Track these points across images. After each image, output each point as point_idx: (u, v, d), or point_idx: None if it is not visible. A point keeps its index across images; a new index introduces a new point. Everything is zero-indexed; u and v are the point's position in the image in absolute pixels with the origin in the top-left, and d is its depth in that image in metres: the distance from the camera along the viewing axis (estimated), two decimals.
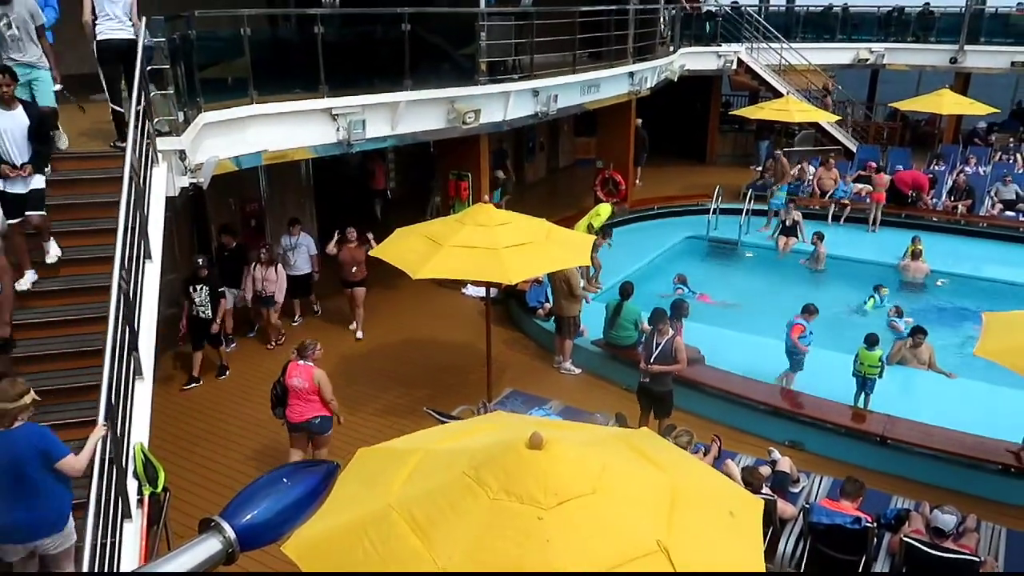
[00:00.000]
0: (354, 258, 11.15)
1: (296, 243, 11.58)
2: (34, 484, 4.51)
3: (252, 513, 2.52)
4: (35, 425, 4.68)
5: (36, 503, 4.53)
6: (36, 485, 4.52)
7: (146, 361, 5.94)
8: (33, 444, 4.52)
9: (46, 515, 4.60)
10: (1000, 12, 22.56)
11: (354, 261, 11.16)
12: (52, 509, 4.62)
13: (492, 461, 3.13)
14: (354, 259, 11.16)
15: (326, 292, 12.37)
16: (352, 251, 11.18)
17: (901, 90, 24.31)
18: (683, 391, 9.71)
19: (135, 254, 6.05)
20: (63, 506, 4.69)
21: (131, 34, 7.47)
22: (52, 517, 4.63)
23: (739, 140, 23.83)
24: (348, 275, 11.36)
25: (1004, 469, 8.05)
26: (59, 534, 4.68)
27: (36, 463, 4.50)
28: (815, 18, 23.72)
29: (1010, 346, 6.95)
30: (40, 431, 4.64)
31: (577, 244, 9.30)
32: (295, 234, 11.59)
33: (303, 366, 7.47)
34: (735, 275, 15.13)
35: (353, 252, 11.17)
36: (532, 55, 12.71)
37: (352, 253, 11.18)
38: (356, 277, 11.33)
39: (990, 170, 18.57)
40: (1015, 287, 13.73)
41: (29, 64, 7.06)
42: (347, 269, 11.29)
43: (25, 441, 4.52)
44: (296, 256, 11.58)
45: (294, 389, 7.43)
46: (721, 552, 3.18)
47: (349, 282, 11.45)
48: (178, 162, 7.98)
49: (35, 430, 4.61)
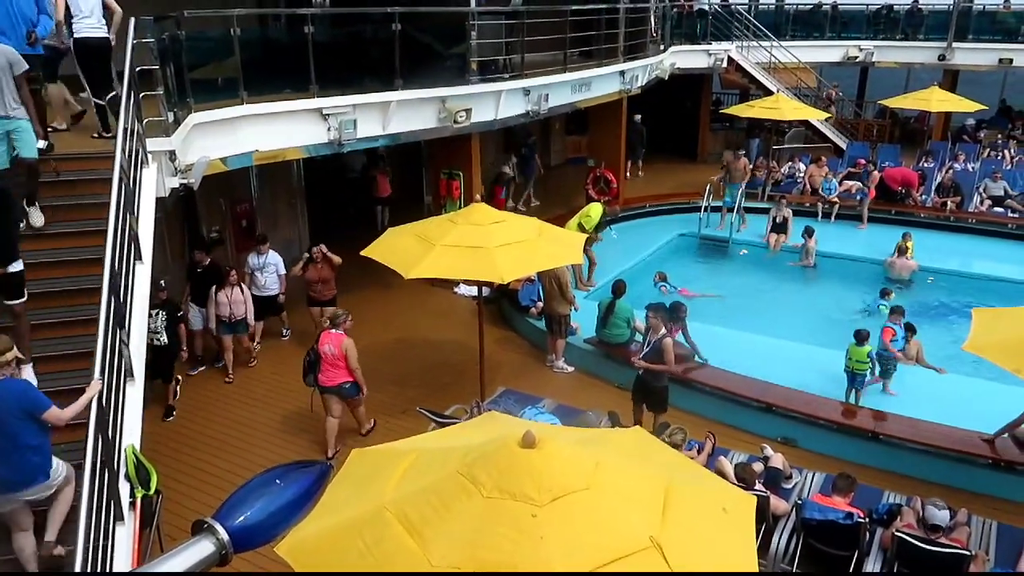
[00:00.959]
0: (320, 276, 10.56)
1: (265, 262, 10.72)
2: (14, 438, 4.59)
3: (245, 514, 2.52)
4: (17, 380, 4.76)
5: (15, 458, 4.60)
6: (16, 439, 4.60)
7: (137, 363, 5.92)
8: (15, 398, 4.61)
9: (26, 471, 4.67)
10: (988, 9, 22.71)
11: (321, 279, 10.58)
12: (32, 463, 4.69)
13: (485, 459, 3.14)
14: (320, 277, 10.57)
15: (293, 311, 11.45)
16: (319, 269, 10.56)
17: (890, 87, 24.45)
18: (677, 389, 9.74)
19: (125, 255, 6.02)
20: (44, 460, 4.75)
21: (106, 33, 7.61)
22: (32, 472, 4.69)
23: (730, 138, 23.89)
24: (315, 293, 10.74)
25: (994, 463, 8.11)
26: (42, 485, 4.75)
27: (17, 416, 4.59)
28: (805, 16, 23.82)
29: (998, 342, 6.99)
30: (22, 385, 4.74)
31: (569, 242, 9.32)
32: (263, 252, 10.73)
33: (334, 334, 8.34)
34: (727, 272, 15.17)
35: (320, 270, 10.56)
36: (523, 54, 12.72)
37: (319, 271, 10.56)
38: (324, 296, 10.72)
39: (979, 167, 18.69)
40: (1004, 283, 13.83)
41: (5, 116, 6.40)
42: (314, 287, 10.69)
43: (7, 395, 4.60)
44: (265, 276, 10.73)
45: (325, 355, 8.30)
46: (714, 548, 3.20)
47: (316, 301, 10.79)
48: (168, 163, 7.96)
49: (17, 384, 4.71)
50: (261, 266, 10.69)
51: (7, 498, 4.71)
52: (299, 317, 11.30)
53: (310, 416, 8.90)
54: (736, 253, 15.92)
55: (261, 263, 10.70)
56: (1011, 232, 15.86)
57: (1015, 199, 16.65)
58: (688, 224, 16.46)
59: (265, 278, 10.72)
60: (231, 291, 9.99)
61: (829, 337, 11.06)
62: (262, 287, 10.74)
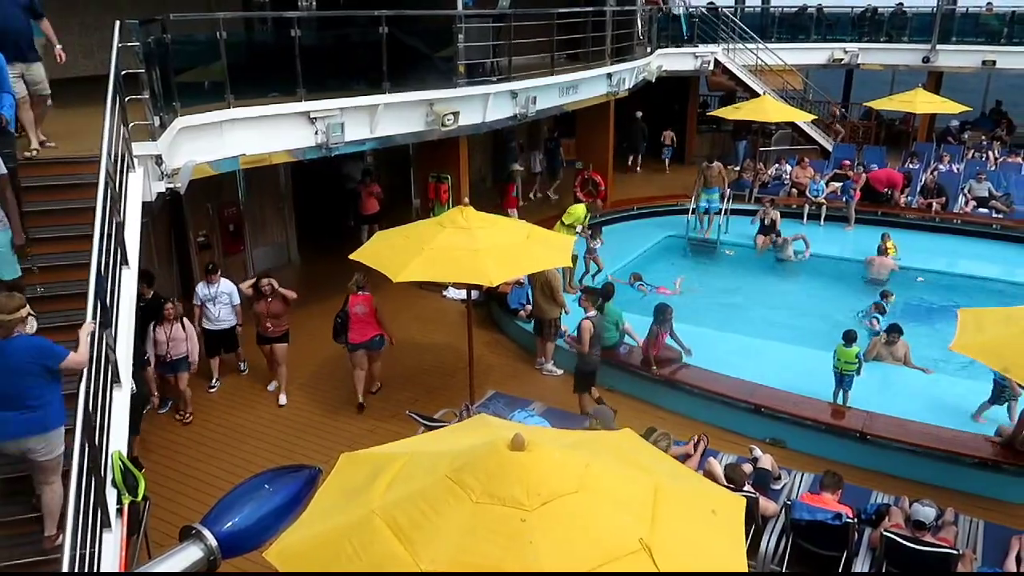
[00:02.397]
0: (270, 311, 9.51)
1: (217, 292, 9.75)
2: (29, 389, 4.86)
3: (233, 520, 2.51)
4: (31, 336, 5.01)
5: (30, 406, 4.88)
6: (31, 391, 4.87)
7: (123, 369, 5.88)
8: (31, 352, 4.88)
9: (38, 417, 4.92)
10: (971, 12, 22.92)
11: (270, 314, 9.51)
12: (44, 413, 4.94)
13: (474, 463, 3.14)
14: (270, 311, 9.50)
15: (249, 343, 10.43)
16: (268, 304, 9.50)
17: (876, 89, 24.62)
18: (665, 390, 9.80)
19: (111, 260, 5.98)
20: (53, 411, 5.01)
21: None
22: (43, 420, 4.94)
23: (717, 140, 24.00)
24: (263, 329, 9.64)
25: (981, 463, 8.17)
26: (48, 436, 4.96)
27: (33, 370, 4.86)
28: (790, 18, 23.96)
29: (984, 341, 7.05)
30: (37, 340, 4.99)
31: (558, 245, 9.33)
32: (214, 282, 9.74)
33: (362, 296, 9.42)
34: (714, 273, 15.22)
35: (269, 305, 9.50)
36: (510, 57, 12.72)
37: (268, 306, 9.51)
38: (273, 332, 9.64)
39: (963, 168, 18.84)
40: (989, 283, 13.94)
41: None
42: (262, 323, 9.59)
43: (23, 350, 4.87)
44: (218, 307, 9.78)
45: (356, 315, 9.36)
46: (704, 550, 3.21)
47: (266, 338, 9.72)
48: (154, 167, 7.91)
49: (32, 340, 4.97)
50: (213, 296, 9.74)
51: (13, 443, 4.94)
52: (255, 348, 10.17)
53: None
54: (723, 254, 15.98)
55: (213, 293, 9.74)
56: (995, 232, 16.01)
57: (999, 200, 16.79)
58: (676, 226, 16.51)
59: (218, 309, 9.78)
60: (171, 327, 8.96)
61: (817, 338, 11.11)
62: (215, 320, 9.82)
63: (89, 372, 4.84)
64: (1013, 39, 21.88)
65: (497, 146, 20.16)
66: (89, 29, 11.41)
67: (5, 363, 4.82)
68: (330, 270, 10.83)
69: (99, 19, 11.24)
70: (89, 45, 11.43)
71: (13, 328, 4.87)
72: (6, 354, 4.83)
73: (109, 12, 7.85)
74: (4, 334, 4.86)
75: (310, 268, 14.63)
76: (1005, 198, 16.85)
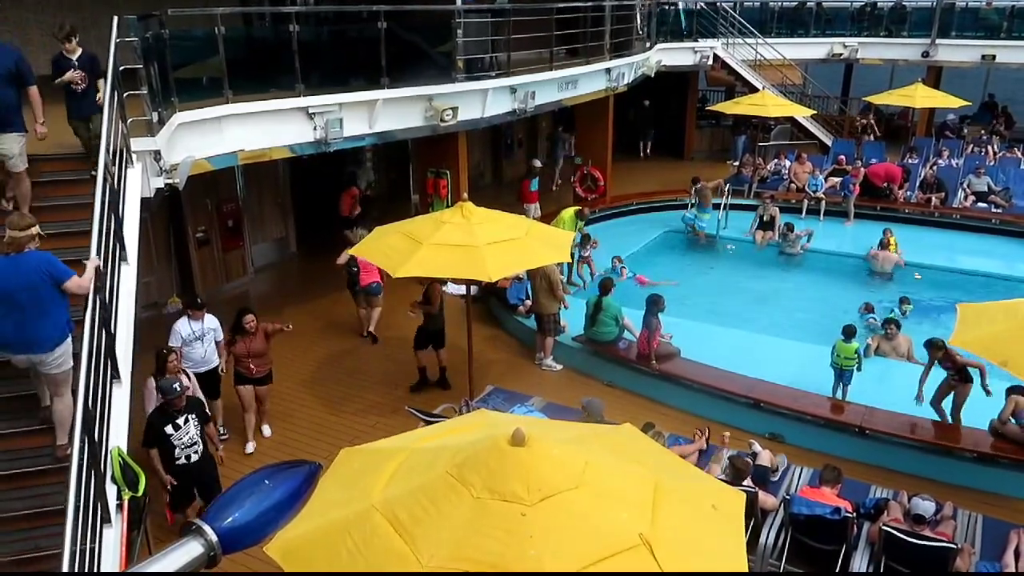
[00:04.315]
0: (251, 350, 8.54)
1: (203, 330, 8.43)
2: (42, 303, 5.23)
3: (234, 515, 2.50)
4: (42, 252, 5.36)
5: (42, 320, 5.23)
6: (43, 304, 5.24)
7: (123, 365, 5.88)
8: (42, 267, 5.23)
9: (50, 331, 5.28)
10: (970, 6, 22.93)
11: (251, 353, 8.55)
12: (54, 326, 5.30)
13: (475, 459, 3.14)
14: (251, 351, 8.54)
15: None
16: (248, 343, 8.54)
17: (875, 84, 24.60)
18: (664, 385, 9.81)
19: (110, 256, 5.97)
20: (63, 324, 5.36)
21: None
22: (54, 333, 5.30)
23: (716, 135, 24.00)
24: (245, 371, 8.61)
25: (979, 457, 8.18)
26: (59, 349, 5.30)
27: (45, 283, 5.21)
28: (789, 13, 23.90)
29: (984, 336, 7.05)
30: (47, 256, 5.32)
31: (557, 240, 9.31)
32: (198, 318, 8.42)
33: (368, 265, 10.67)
34: (714, 269, 15.23)
35: (250, 343, 8.54)
36: (509, 52, 12.70)
37: (248, 345, 8.54)
38: (255, 373, 8.63)
39: (962, 163, 18.83)
40: (988, 278, 13.94)
41: None
42: (243, 363, 8.59)
43: (35, 264, 5.22)
44: (205, 346, 8.44)
45: (363, 263, 10.73)
46: (704, 545, 3.21)
47: (247, 378, 8.65)
48: (153, 163, 7.90)
49: (43, 255, 5.32)
50: (200, 334, 8.41)
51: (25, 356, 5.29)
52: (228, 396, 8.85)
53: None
54: (723, 249, 15.98)
55: (199, 331, 8.41)
56: (995, 227, 16.01)
57: (998, 194, 16.80)
58: (675, 221, 16.51)
59: (205, 349, 8.45)
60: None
61: (816, 333, 11.12)
62: (200, 360, 8.38)
63: (89, 366, 4.84)
64: (1013, 33, 21.86)
65: (496, 142, 20.17)
66: (87, 24, 11.38)
67: (19, 276, 5.17)
68: (330, 266, 10.84)
69: (96, 14, 11.24)
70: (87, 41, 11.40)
71: (24, 245, 5.23)
72: (19, 267, 5.19)
73: (109, 8, 7.81)
74: (16, 249, 5.22)
75: (309, 264, 14.63)
76: (1004, 193, 16.85)
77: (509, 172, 20.82)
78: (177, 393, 6.79)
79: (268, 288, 13.94)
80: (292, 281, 14.32)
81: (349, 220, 13.55)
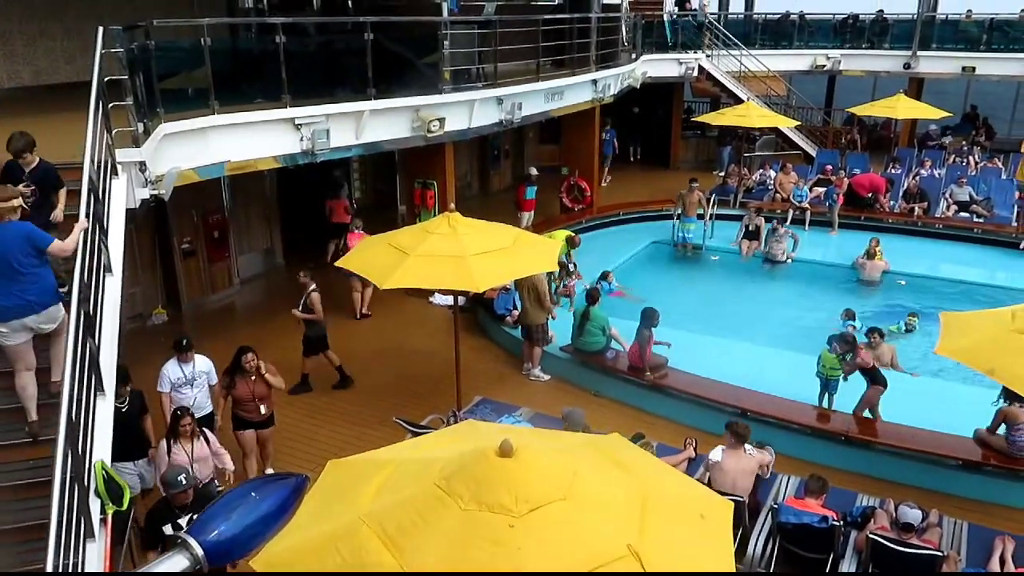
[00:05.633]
0: (254, 391, 7.81)
1: (194, 373, 7.71)
2: (23, 270, 5.28)
3: (219, 528, 2.48)
4: (21, 222, 5.42)
5: (26, 287, 5.31)
6: (25, 271, 5.28)
7: (107, 377, 5.82)
8: (21, 236, 5.28)
9: (36, 296, 5.37)
10: (950, 19, 23.24)
11: (254, 395, 7.82)
12: (39, 291, 5.39)
13: (462, 470, 3.13)
14: (255, 394, 7.82)
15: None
16: (251, 384, 7.80)
17: (858, 95, 24.85)
18: (652, 395, 9.82)
19: (95, 267, 5.93)
20: (49, 287, 5.46)
21: None
22: (41, 297, 5.40)
23: (702, 146, 24.16)
24: (246, 414, 7.90)
25: (964, 464, 8.24)
26: (48, 311, 5.43)
27: (25, 252, 5.27)
28: (773, 25, 24.16)
29: (968, 344, 7.10)
30: (27, 225, 5.38)
31: (544, 250, 9.32)
32: (189, 360, 7.69)
33: (359, 233, 11.90)
34: (700, 279, 15.30)
35: (253, 385, 7.80)
36: (496, 63, 12.75)
37: (251, 387, 7.80)
38: (258, 417, 7.90)
39: (944, 173, 19.04)
40: (971, 286, 14.08)
41: None
42: (245, 406, 7.86)
43: (14, 234, 5.28)
44: (196, 392, 7.73)
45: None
46: (692, 554, 3.21)
47: (248, 422, 7.93)
48: (138, 173, 7.85)
49: (22, 225, 5.38)
50: (190, 379, 7.68)
51: (21, 323, 5.34)
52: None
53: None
54: (708, 260, 16.06)
55: (190, 374, 7.68)
56: (977, 236, 16.18)
57: (980, 204, 16.98)
58: (661, 231, 16.59)
59: (196, 394, 7.73)
60: (192, 444, 6.89)
61: (802, 342, 11.17)
62: (193, 407, 7.52)
63: (72, 378, 4.79)
64: (992, 46, 22.19)
65: (484, 153, 20.19)
66: (71, 34, 11.35)
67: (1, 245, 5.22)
68: (316, 277, 10.78)
69: (80, 24, 11.21)
70: (71, 50, 11.38)
71: (4, 215, 5.30)
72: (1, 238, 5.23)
73: (93, 19, 7.78)
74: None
75: (296, 274, 14.53)
76: (985, 202, 17.03)
77: (496, 183, 20.87)
78: (182, 487, 5.81)
79: (254, 299, 13.87)
80: (278, 292, 14.22)
81: (343, 227, 13.76)
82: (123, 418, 6.63)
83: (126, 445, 6.73)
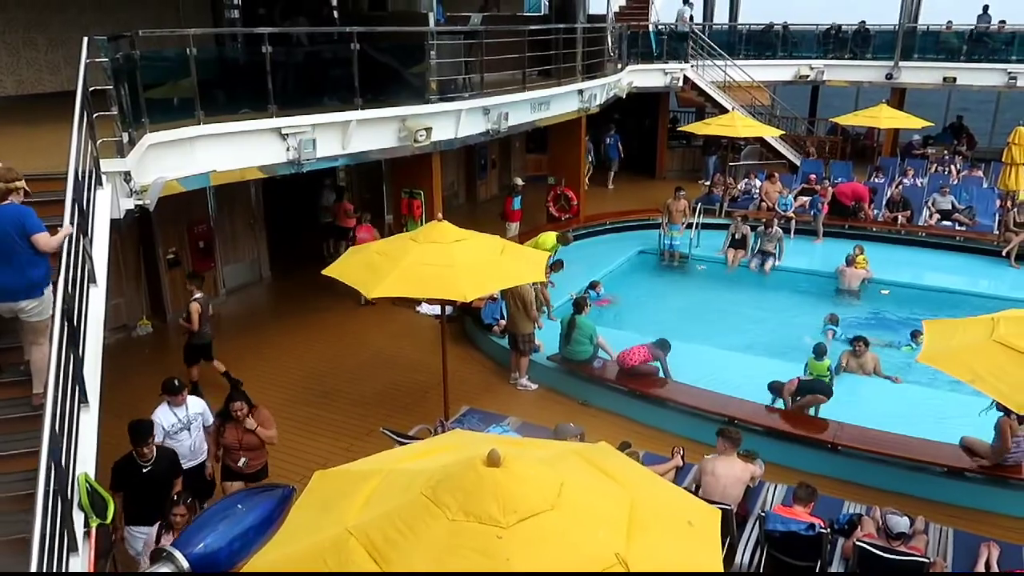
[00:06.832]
0: (244, 441, 7.18)
1: (188, 417, 7.14)
2: (16, 253, 5.35)
3: (205, 541, 2.47)
4: (17, 204, 5.48)
5: (19, 270, 5.38)
6: (19, 254, 5.36)
7: (91, 389, 5.77)
8: (15, 219, 5.36)
9: (28, 279, 5.43)
10: (932, 30, 23.54)
11: (244, 446, 7.20)
12: (32, 275, 5.45)
13: (450, 481, 3.12)
14: (244, 443, 7.19)
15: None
16: (240, 432, 7.17)
17: (841, 105, 25.12)
18: (639, 404, 9.84)
19: (79, 278, 5.88)
20: (41, 273, 5.52)
21: None
22: (33, 281, 5.46)
23: (687, 155, 24.30)
24: (235, 465, 7.26)
25: (950, 471, 8.29)
26: (38, 299, 5.48)
27: (18, 235, 5.35)
28: (757, 36, 24.40)
29: (950, 352, 7.16)
30: (23, 208, 5.46)
31: (532, 260, 9.34)
32: (180, 403, 7.11)
33: (367, 226, 13.07)
34: (686, 287, 15.35)
35: (242, 433, 7.17)
36: (482, 73, 12.79)
37: (240, 435, 7.17)
38: (248, 468, 7.27)
39: (927, 182, 19.24)
40: (954, 294, 14.20)
41: None
42: (234, 456, 7.24)
43: (9, 216, 5.36)
44: (193, 436, 7.18)
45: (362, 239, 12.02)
46: (680, 562, 3.22)
47: (237, 474, 7.31)
48: (123, 184, 7.81)
49: (19, 208, 5.45)
50: (186, 423, 7.13)
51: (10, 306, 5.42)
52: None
53: None
54: (695, 268, 16.13)
55: (184, 419, 7.12)
56: (959, 245, 16.34)
57: (962, 213, 17.15)
58: (648, 240, 16.65)
59: (193, 439, 7.19)
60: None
61: (788, 350, 11.23)
62: (190, 453, 7.10)
63: (56, 390, 4.74)
64: (972, 56, 22.49)
65: (470, 162, 20.22)
66: (55, 44, 11.30)
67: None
68: (302, 287, 10.75)
69: (65, 34, 11.16)
70: (55, 61, 11.32)
71: (5, 196, 5.39)
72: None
73: (78, 28, 7.74)
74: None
75: (282, 285, 14.53)
76: (967, 211, 17.21)
77: (483, 192, 20.90)
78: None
79: (240, 310, 13.78)
80: (264, 303, 14.21)
81: (345, 230, 14.07)
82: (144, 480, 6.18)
83: (146, 509, 6.27)
